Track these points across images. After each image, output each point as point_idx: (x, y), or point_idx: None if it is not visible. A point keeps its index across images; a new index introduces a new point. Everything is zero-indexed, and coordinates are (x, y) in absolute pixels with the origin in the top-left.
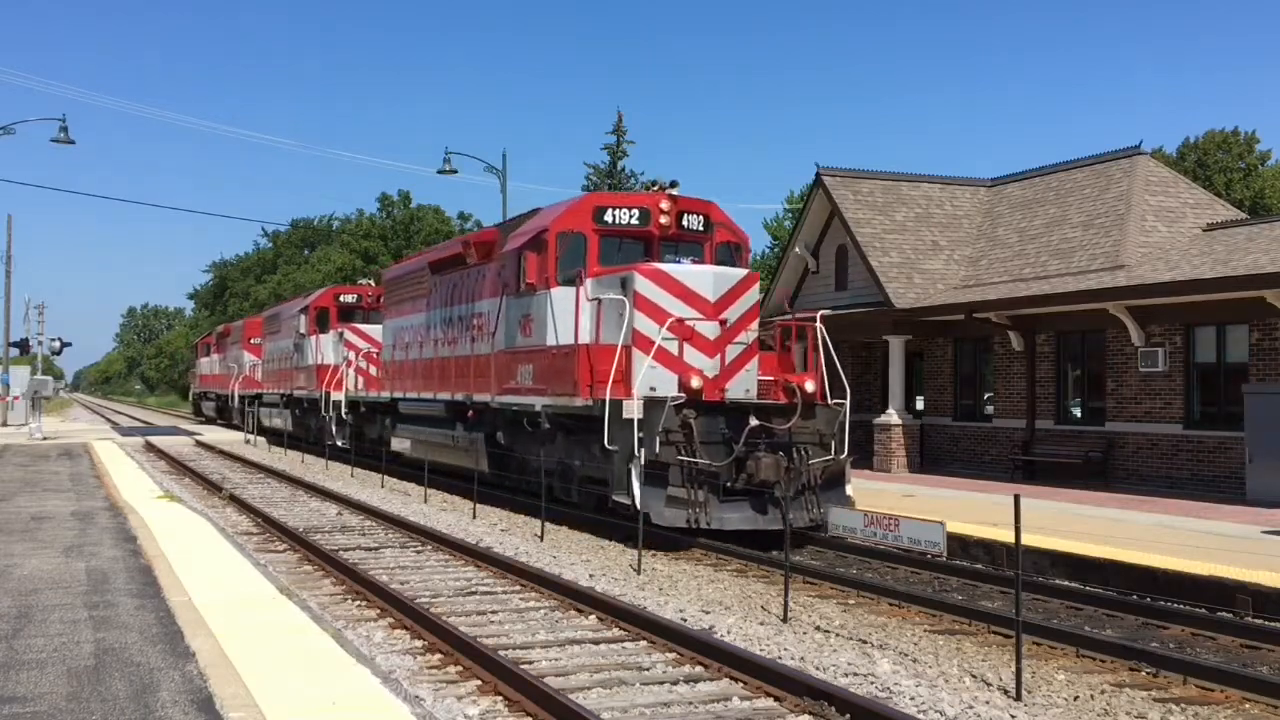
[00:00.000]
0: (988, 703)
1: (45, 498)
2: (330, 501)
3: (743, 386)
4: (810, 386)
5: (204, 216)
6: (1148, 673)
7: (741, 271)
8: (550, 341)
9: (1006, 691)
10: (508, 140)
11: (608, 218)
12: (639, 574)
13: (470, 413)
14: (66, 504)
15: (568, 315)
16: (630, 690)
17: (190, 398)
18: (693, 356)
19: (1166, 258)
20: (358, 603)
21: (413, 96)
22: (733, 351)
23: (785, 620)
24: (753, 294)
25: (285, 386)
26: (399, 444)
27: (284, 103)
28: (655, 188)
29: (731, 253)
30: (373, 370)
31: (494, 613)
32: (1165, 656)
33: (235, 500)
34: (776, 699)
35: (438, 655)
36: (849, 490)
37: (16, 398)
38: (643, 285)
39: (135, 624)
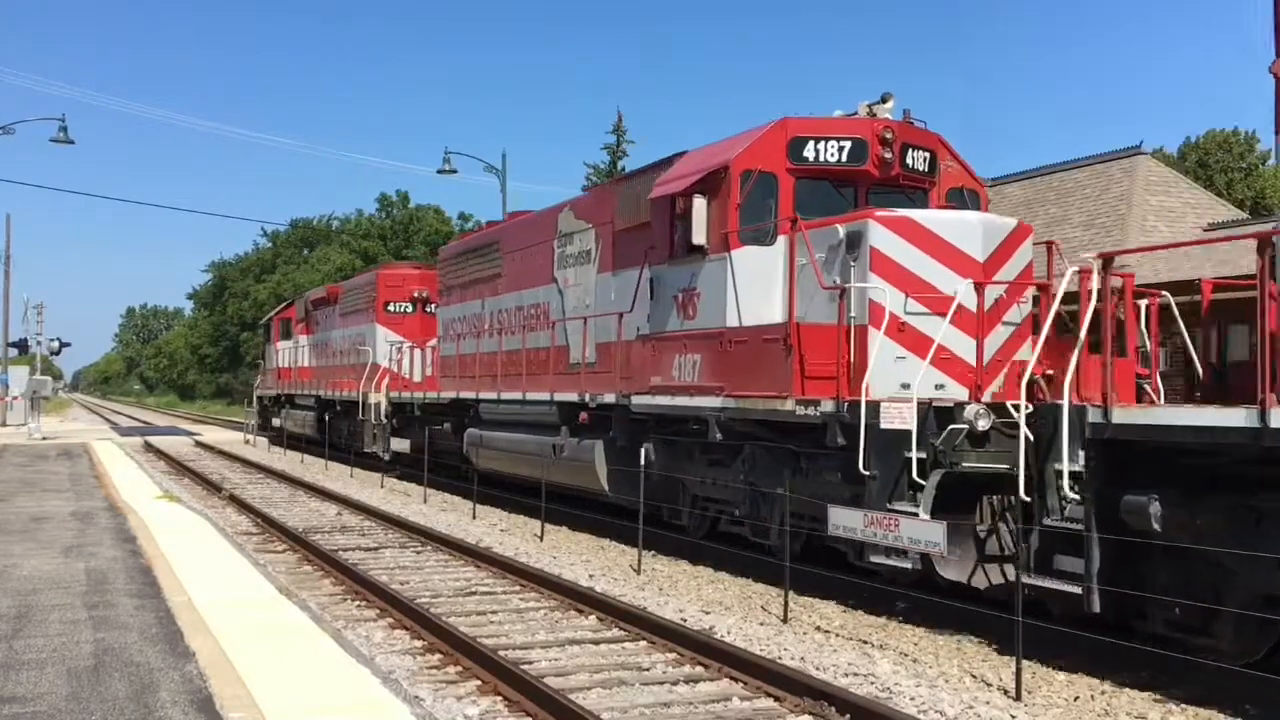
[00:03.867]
0: (988, 703)
1: (45, 498)
2: (330, 502)
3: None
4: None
5: (204, 216)
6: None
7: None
8: None
9: (1006, 692)
10: (508, 140)
11: None
12: (639, 574)
13: None
14: (66, 504)
15: None
16: (630, 690)
17: (253, 403)
18: None
19: (1168, 258)
20: (357, 603)
21: (413, 97)
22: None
23: (785, 620)
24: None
25: (564, 384)
26: None
27: (284, 102)
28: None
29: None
30: None
31: (494, 613)
32: (1166, 656)
33: (235, 500)
34: (776, 699)
35: (437, 655)
36: None
37: (16, 398)
38: None
39: (135, 624)
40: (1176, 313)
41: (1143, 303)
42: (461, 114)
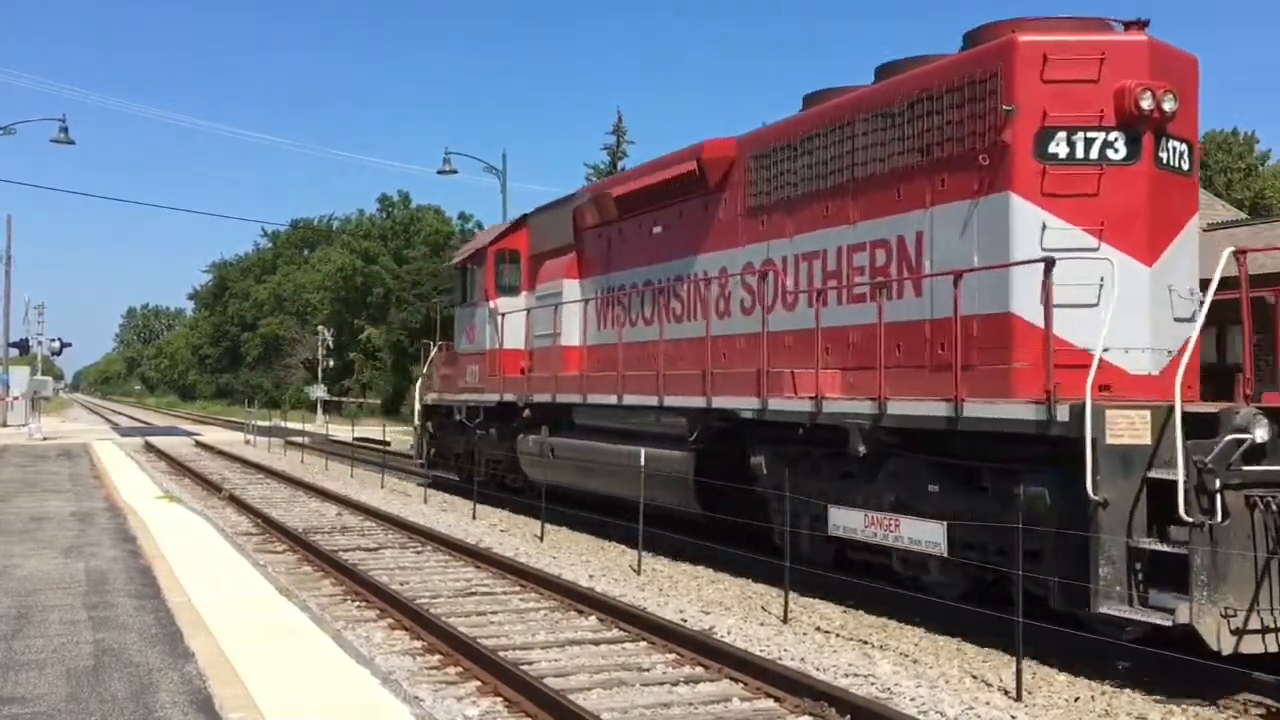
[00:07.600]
0: (988, 703)
1: (45, 498)
2: (330, 502)
3: None
4: None
5: (204, 216)
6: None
7: None
8: None
9: (1007, 692)
10: (508, 140)
11: None
12: (639, 574)
13: None
14: (66, 504)
15: None
16: (630, 691)
17: (415, 422)
18: None
19: None
20: (357, 603)
21: (413, 96)
22: None
23: (785, 621)
24: None
25: None
26: None
27: (285, 103)
28: None
29: None
30: None
31: (494, 613)
32: (1166, 656)
33: (235, 501)
34: (777, 700)
35: (437, 656)
36: None
37: (16, 398)
38: None
39: (135, 624)
40: None
41: None
42: (461, 114)
